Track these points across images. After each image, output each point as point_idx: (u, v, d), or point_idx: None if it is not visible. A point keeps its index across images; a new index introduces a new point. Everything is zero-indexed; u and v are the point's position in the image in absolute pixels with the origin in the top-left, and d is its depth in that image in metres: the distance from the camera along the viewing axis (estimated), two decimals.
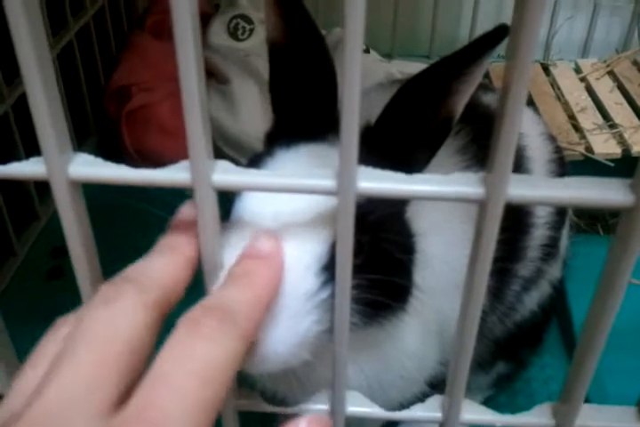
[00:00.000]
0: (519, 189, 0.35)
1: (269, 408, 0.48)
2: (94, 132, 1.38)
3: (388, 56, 1.48)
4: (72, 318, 0.38)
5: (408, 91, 0.49)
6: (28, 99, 0.35)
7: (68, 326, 0.37)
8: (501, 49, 1.42)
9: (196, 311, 0.36)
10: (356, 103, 0.33)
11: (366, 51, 1.37)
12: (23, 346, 0.37)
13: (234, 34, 1.39)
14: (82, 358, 0.33)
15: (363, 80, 0.33)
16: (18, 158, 0.37)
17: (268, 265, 0.40)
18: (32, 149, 0.37)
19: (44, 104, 0.35)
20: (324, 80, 0.54)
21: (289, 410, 0.48)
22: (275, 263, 0.41)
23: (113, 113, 1.31)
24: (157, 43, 1.38)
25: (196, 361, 0.33)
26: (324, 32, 0.30)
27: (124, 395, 0.33)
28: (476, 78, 0.46)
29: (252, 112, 1.26)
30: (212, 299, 0.38)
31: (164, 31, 1.39)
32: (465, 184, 0.36)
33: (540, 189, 0.35)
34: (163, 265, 0.39)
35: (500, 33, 0.44)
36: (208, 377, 0.33)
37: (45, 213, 1.19)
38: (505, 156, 0.34)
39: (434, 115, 0.49)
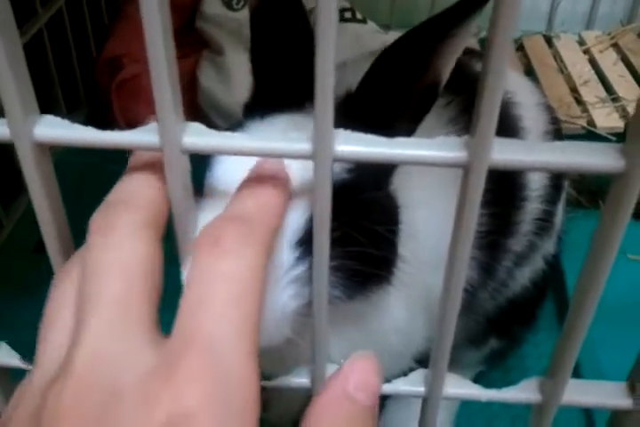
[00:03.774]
0: (503, 153, 0.33)
1: None
2: (85, 103, 1.36)
3: (387, 27, 1.45)
4: (71, 268, 0.37)
5: (390, 55, 0.47)
6: None
7: (70, 279, 0.36)
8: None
9: (211, 227, 0.35)
10: (331, 60, 0.31)
11: (363, 21, 1.34)
12: (8, 318, 0.36)
13: (228, 3, 1.36)
14: (106, 297, 0.33)
15: (357, 49, 0.31)
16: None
17: (274, 182, 0.38)
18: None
19: (6, 63, 0.34)
20: (302, 48, 0.52)
21: (267, 384, 0.47)
22: (281, 180, 0.38)
23: (104, 84, 1.28)
24: None
25: (225, 280, 0.33)
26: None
27: (158, 322, 0.34)
28: (462, 41, 0.44)
29: (246, 83, 1.23)
30: (225, 213, 0.36)
31: None
32: (447, 148, 0.34)
33: (526, 154, 0.33)
34: (140, 185, 0.38)
35: None
36: (241, 292, 0.33)
37: None
38: (487, 119, 0.32)
39: (418, 80, 0.47)
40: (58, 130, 0.36)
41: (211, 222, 0.35)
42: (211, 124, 0.35)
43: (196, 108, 1.28)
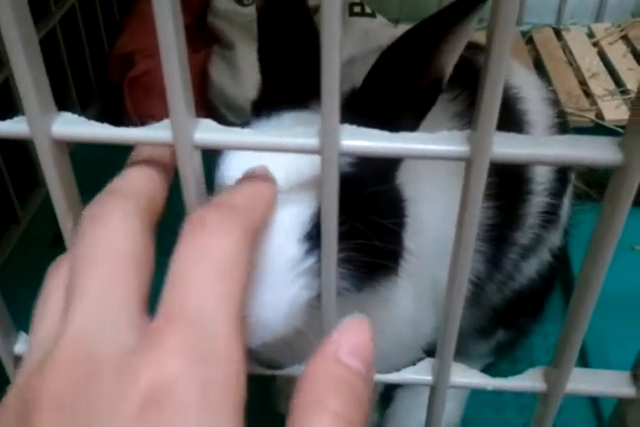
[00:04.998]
0: (504, 146, 0.34)
1: (259, 370, 0.49)
2: (97, 99, 1.37)
3: (396, 21, 1.46)
4: (65, 257, 0.38)
5: (393, 52, 0.48)
6: (9, 57, 0.35)
7: (63, 266, 0.37)
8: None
9: (198, 211, 0.36)
10: (337, 57, 0.32)
11: (372, 15, 1.34)
12: (27, 313, 0.37)
13: None
14: (95, 280, 0.33)
15: (366, 43, 0.32)
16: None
17: (259, 179, 0.40)
18: None
19: (25, 62, 0.35)
20: (307, 47, 0.53)
21: (277, 373, 0.48)
22: (266, 178, 0.40)
23: (116, 79, 1.30)
24: None
25: (210, 257, 0.33)
26: None
27: (146, 305, 0.34)
28: (464, 37, 0.44)
29: (256, 78, 1.24)
30: (210, 202, 0.38)
31: None
32: (450, 142, 0.35)
33: (526, 147, 0.34)
34: (136, 176, 0.39)
35: None
36: (226, 270, 0.33)
37: None
38: (489, 113, 0.33)
39: (421, 76, 0.47)
40: (75, 127, 0.38)
41: (197, 210, 0.36)
42: (221, 118, 0.37)
43: (207, 103, 1.29)
